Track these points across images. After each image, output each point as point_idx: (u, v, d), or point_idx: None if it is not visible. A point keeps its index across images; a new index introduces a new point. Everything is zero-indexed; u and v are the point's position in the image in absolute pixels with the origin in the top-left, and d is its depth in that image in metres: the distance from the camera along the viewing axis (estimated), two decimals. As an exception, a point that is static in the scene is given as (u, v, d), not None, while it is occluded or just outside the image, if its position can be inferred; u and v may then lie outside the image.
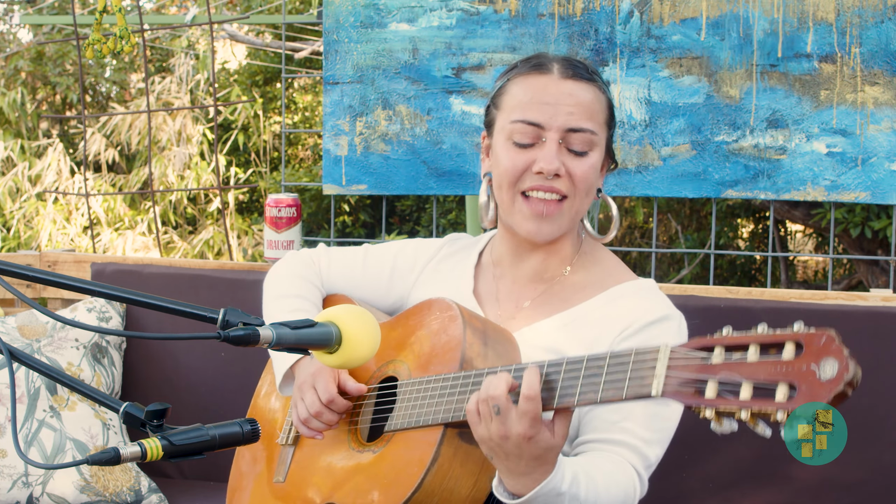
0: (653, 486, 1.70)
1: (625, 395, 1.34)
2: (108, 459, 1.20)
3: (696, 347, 1.27)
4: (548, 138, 1.69)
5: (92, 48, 3.00)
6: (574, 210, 1.74)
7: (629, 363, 1.35)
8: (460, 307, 1.68)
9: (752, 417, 1.20)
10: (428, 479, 1.54)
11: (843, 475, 2.23)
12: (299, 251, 2.09)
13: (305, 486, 1.76)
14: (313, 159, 8.54)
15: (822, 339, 1.17)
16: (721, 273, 7.01)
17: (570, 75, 1.71)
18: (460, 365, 1.59)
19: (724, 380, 1.22)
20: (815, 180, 2.52)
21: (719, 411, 1.22)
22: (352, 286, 2.01)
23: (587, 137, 1.71)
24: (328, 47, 2.82)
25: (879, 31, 2.45)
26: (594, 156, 1.73)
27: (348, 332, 1.35)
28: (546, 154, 1.69)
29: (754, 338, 1.23)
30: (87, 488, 2.41)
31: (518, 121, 1.71)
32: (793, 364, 1.18)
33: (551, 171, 1.68)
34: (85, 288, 1.28)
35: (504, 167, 1.73)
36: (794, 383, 1.17)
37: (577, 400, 1.40)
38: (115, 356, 2.67)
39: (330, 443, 1.77)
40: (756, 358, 1.21)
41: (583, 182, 1.72)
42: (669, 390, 1.28)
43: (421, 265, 1.95)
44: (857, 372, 1.15)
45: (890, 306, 2.28)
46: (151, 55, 8.81)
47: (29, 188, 8.07)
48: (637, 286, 1.78)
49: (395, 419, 1.65)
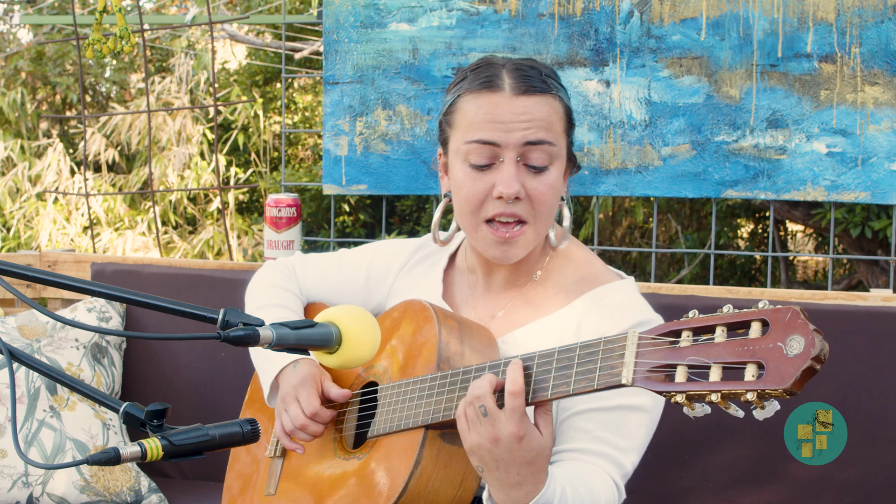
0: (653, 486, 1.70)
1: (596, 385, 1.33)
2: (108, 459, 1.20)
3: (664, 333, 1.26)
4: (505, 158, 1.62)
5: (92, 48, 3.00)
6: (537, 232, 1.67)
7: (598, 352, 1.34)
8: (435, 307, 1.67)
9: (723, 399, 1.19)
10: (412, 483, 1.54)
11: (843, 475, 2.23)
12: (275, 262, 2.07)
13: (296, 498, 1.77)
14: (313, 159, 8.55)
15: (786, 315, 1.16)
16: (721, 273, 7.01)
17: (523, 90, 1.62)
18: (437, 365, 1.58)
19: (692, 363, 1.21)
20: (815, 180, 2.52)
21: (690, 395, 1.21)
22: (329, 294, 2.00)
23: (546, 150, 1.63)
24: (328, 47, 2.82)
25: (879, 31, 2.45)
26: (554, 171, 1.65)
27: (348, 333, 1.34)
28: (504, 176, 1.61)
29: (720, 318, 1.22)
30: (87, 488, 2.41)
31: (473, 141, 1.63)
32: (759, 342, 1.17)
33: (511, 194, 1.61)
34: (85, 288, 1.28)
35: (464, 195, 1.67)
36: (762, 361, 1.16)
37: (550, 393, 1.39)
38: (115, 356, 2.67)
39: (317, 452, 1.78)
40: (723, 339, 1.20)
41: (543, 204, 1.64)
42: (639, 377, 1.26)
43: (395, 271, 1.93)
44: (823, 346, 1.14)
45: (890, 306, 2.28)
46: (151, 55, 8.82)
47: (29, 188, 8.07)
48: (612, 291, 1.70)
49: (377, 424, 1.65)
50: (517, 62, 1.68)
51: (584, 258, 1.77)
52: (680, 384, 1.21)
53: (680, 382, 1.21)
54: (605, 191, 2.65)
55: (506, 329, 1.72)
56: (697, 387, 1.20)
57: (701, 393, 1.19)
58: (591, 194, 2.68)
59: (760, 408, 1.17)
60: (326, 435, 1.77)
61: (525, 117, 1.62)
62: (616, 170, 2.63)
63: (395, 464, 1.58)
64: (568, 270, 1.74)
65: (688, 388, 1.20)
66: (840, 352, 2.25)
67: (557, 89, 1.67)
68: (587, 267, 1.75)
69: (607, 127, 2.62)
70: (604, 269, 1.75)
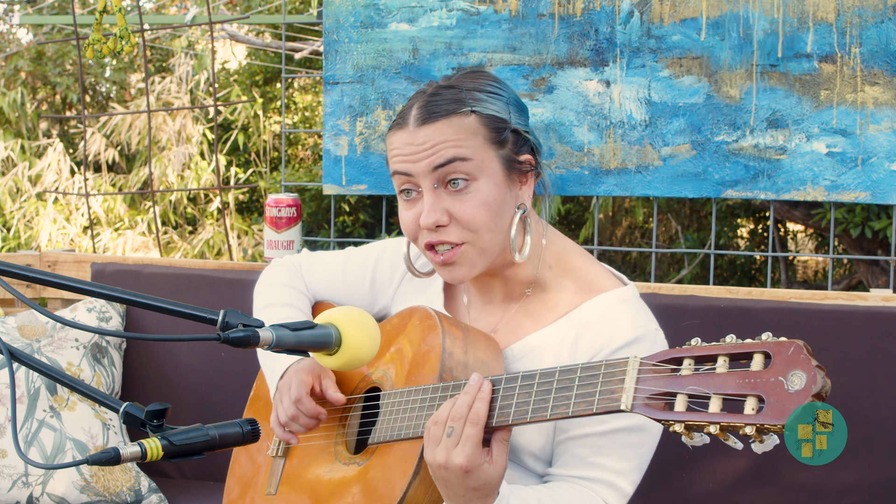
0: (653, 486, 1.70)
1: (595, 409, 1.32)
2: (108, 459, 1.20)
3: (665, 360, 1.25)
4: (422, 187, 1.63)
5: (92, 48, 3.00)
6: (480, 249, 1.64)
7: (599, 376, 1.32)
8: (440, 315, 1.67)
9: (722, 431, 1.17)
10: (410, 493, 1.54)
11: (843, 475, 2.23)
12: (282, 259, 2.08)
13: (295, 499, 1.77)
14: (313, 159, 8.54)
15: (790, 349, 1.14)
16: (721, 273, 7.01)
17: (424, 121, 1.63)
18: (440, 375, 1.58)
19: (693, 393, 1.20)
20: (815, 180, 2.52)
21: (689, 425, 1.19)
22: (335, 294, 2.00)
23: (460, 167, 1.60)
24: (328, 47, 2.82)
25: (879, 31, 2.45)
26: (481, 186, 1.62)
27: (348, 334, 1.35)
28: (424, 206, 1.63)
29: (723, 348, 1.20)
30: (87, 488, 2.41)
31: (395, 173, 1.67)
32: (761, 375, 1.15)
33: (429, 224, 1.61)
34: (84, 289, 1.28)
35: (402, 227, 1.70)
36: (763, 395, 1.14)
37: (549, 414, 1.38)
38: (115, 356, 2.67)
39: (318, 455, 1.78)
40: (725, 369, 1.19)
41: (473, 222, 1.61)
42: (639, 404, 1.25)
43: (399, 276, 1.92)
44: (825, 384, 1.12)
45: (890, 306, 2.28)
46: (151, 55, 8.81)
47: (29, 188, 8.07)
48: (611, 301, 1.67)
49: (377, 431, 1.66)
50: (438, 87, 1.68)
51: (581, 265, 1.74)
52: (679, 413, 1.20)
53: (679, 412, 1.20)
54: (605, 191, 2.65)
55: (505, 342, 1.71)
56: (697, 417, 1.18)
57: (700, 423, 1.18)
58: (591, 194, 2.68)
59: (759, 441, 1.16)
60: (328, 438, 1.77)
61: (427, 145, 1.62)
62: (616, 170, 2.63)
63: (393, 473, 1.58)
64: (566, 280, 1.72)
65: (687, 417, 1.19)
66: (840, 352, 2.25)
67: (475, 103, 1.64)
68: (585, 274, 1.72)
69: (607, 127, 2.62)
70: (602, 275, 1.73)
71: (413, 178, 1.64)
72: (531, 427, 1.64)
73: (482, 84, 1.68)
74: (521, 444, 1.66)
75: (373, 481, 1.62)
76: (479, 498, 1.45)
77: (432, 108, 1.64)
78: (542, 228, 1.73)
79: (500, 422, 1.43)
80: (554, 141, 2.65)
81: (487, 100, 1.66)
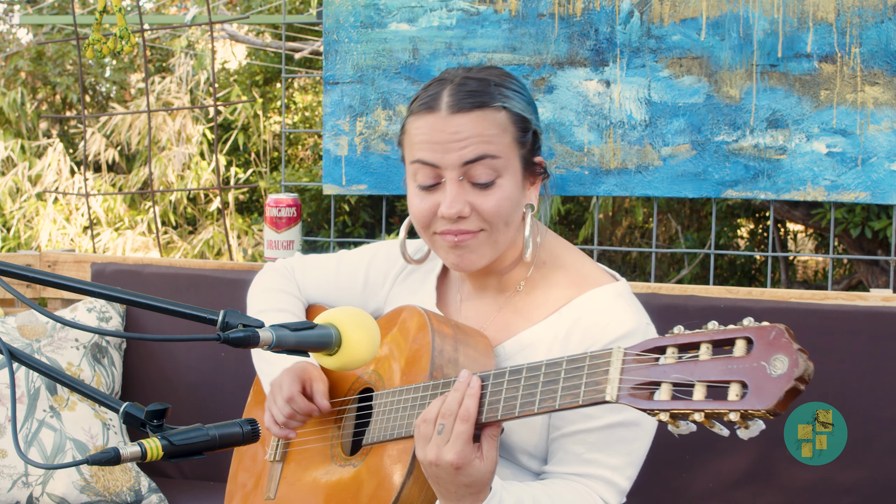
0: (653, 486, 1.70)
1: (581, 401, 1.31)
2: (108, 459, 1.20)
3: (649, 349, 1.25)
4: (447, 178, 1.62)
5: (92, 48, 3.00)
6: (494, 240, 1.66)
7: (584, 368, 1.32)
8: (429, 313, 1.67)
9: (707, 419, 1.17)
10: (405, 492, 1.54)
11: (843, 475, 2.23)
12: (275, 264, 2.08)
13: (294, 502, 1.77)
14: (313, 159, 8.54)
15: (771, 333, 1.14)
16: (721, 273, 7.01)
17: (458, 109, 1.61)
18: (430, 373, 1.58)
19: (677, 381, 1.20)
20: (815, 180, 2.52)
21: (674, 413, 1.19)
22: (328, 297, 2.00)
23: (489, 164, 1.61)
24: (328, 47, 2.82)
25: (879, 31, 2.45)
26: (504, 182, 1.63)
27: (348, 335, 1.35)
28: (447, 197, 1.62)
29: (705, 335, 1.20)
30: (87, 488, 2.41)
31: (416, 161, 1.65)
32: (743, 360, 1.15)
33: (452, 214, 1.61)
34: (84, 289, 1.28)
35: (413, 213, 1.68)
36: (746, 381, 1.14)
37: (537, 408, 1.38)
38: (115, 356, 2.67)
39: (315, 457, 1.78)
40: (708, 356, 1.19)
41: (494, 216, 1.63)
42: (624, 394, 1.25)
43: (392, 277, 1.92)
44: (807, 367, 1.12)
45: (890, 306, 2.28)
46: (151, 55, 8.81)
47: (29, 188, 8.07)
48: (602, 296, 1.67)
49: (371, 432, 1.66)
50: (464, 76, 1.67)
51: (573, 262, 1.74)
52: (663, 402, 1.20)
53: (663, 400, 1.20)
54: (605, 191, 2.65)
55: (496, 339, 1.71)
56: (681, 405, 1.18)
57: (685, 411, 1.18)
58: (591, 194, 2.68)
59: (745, 427, 1.16)
60: (325, 440, 1.78)
61: (460, 136, 1.61)
62: (616, 170, 2.63)
63: (388, 473, 1.58)
64: (557, 276, 1.72)
65: (671, 406, 1.19)
66: (840, 352, 2.25)
67: (505, 99, 1.64)
68: (577, 270, 1.73)
69: (607, 127, 2.62)
70: (594, 271, 1.73)
71: (439, 170, 1.63)
72: (525, 425, 1.64)
73: (507, 81, 1.68)
74: (516, 443, 1.67)
75: (368, 481, 1.62)
76: (471, 494, 1.45)
77: (466, 97, 1.63)
78: (538, 228, 1.75)
79: (489, 417, 1.43)
80: (554, 141, 2.65)
81: (514, 98, 1.66)
